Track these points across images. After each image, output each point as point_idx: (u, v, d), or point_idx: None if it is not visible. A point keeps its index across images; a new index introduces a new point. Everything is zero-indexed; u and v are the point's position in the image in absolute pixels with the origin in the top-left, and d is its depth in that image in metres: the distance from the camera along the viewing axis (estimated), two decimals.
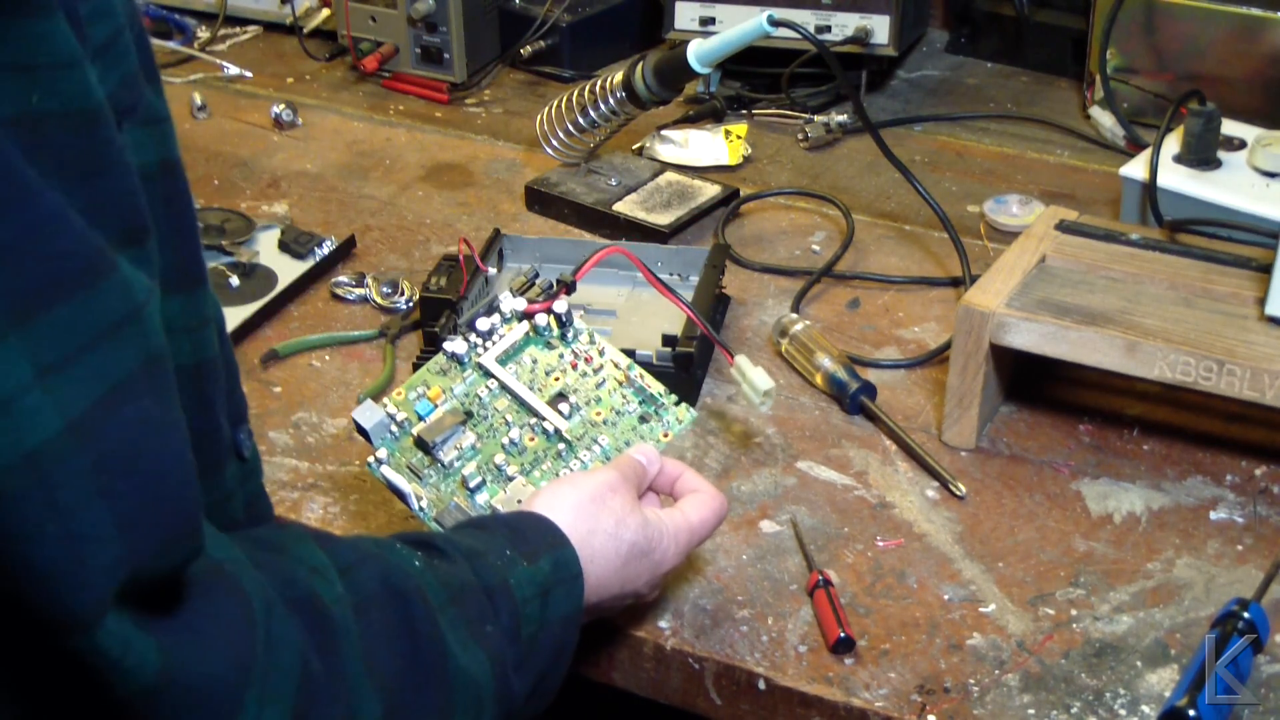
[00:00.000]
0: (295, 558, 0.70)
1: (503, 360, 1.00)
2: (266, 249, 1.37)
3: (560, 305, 1.00)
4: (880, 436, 1.13)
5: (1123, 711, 0.89)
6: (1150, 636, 0.94)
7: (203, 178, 1.53)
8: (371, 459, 0.96)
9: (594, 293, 1.29)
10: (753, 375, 1.03)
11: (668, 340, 1.16)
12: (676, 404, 0.99)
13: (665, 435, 0.98)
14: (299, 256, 1.35)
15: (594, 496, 0.87)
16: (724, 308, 1.29)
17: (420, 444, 0.96)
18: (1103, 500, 1.07)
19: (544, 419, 0.98)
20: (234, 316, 1.26)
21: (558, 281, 1.03)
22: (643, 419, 0.99)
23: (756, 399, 1.03)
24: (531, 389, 0.99)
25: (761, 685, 0.92)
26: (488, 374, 1.00)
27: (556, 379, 1.00)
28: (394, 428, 0.97)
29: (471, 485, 0.95)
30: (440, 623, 0.73)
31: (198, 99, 1.69)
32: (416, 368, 1.17)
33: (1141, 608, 0.97)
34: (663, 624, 0.96)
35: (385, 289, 1.32)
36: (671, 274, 1.30)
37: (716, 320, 1.26)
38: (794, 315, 1.25)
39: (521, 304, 1.01)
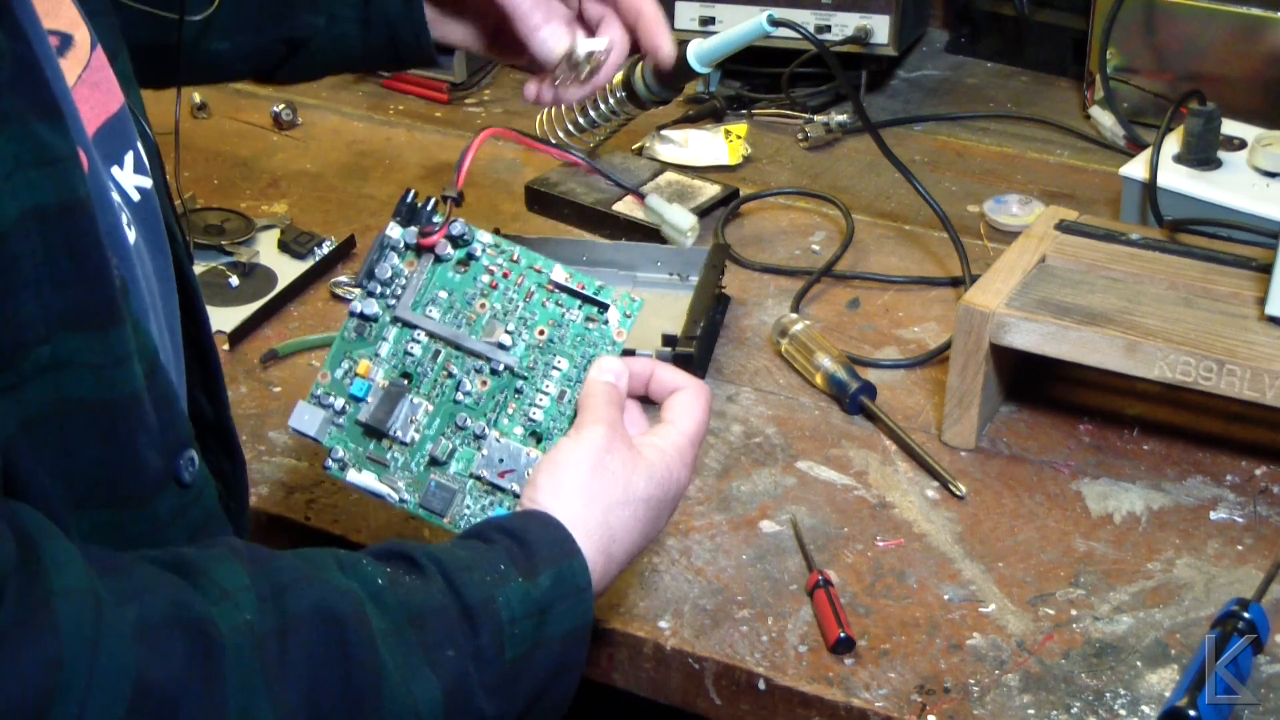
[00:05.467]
0: (207, 580, 0.67)
1: (416, 306, 0.89)
2: (266, 249, 1.37)
3: (457, 226, 0.88)
4: (880, 436, 1.13)
5: (1123, 711, 0.89)
6: (1150, 636, 0.94)
7: (202, 177, 1.53)
8: (329, 461, 0.88)
9: None
10: (671, 215, 0.93)
11: (668, 340, 1.16)
12: (611, 291, 0.88)
13: (619, 335, 0.87)
14: (299, 256, 1.35)
15: (594, 470, 0.80)
16: (724, 308, 1.29)
17: (371, 430, 0.87)
18: (1103, 500, 1.06)
19: (488, 359, 0.87)
20: (234, 316, 1.26)
21: (442, 199, 0.89)
22: (588, 321, 0.87)
23: (681, 237, 0.94)
24: (460, 328, 0.88)
25: (761, 685, 0.92)
26: (409, 325, 0.88)
27: (482, 306, 0.88)
28: (338, 420, 0.88)
29: (442, 459, 0.86)
30: (380, 648, 0.69)
31: (197, 98, 1.68)
32: None
33: (1141, 608, 0.97)
34: (663, 624, 0.96)
35: None
36: (671, 274, 1.30)
37: (716, 320, 1.26)
38: (794, 315, 1.25)
39: (413, 236, 0.89)
